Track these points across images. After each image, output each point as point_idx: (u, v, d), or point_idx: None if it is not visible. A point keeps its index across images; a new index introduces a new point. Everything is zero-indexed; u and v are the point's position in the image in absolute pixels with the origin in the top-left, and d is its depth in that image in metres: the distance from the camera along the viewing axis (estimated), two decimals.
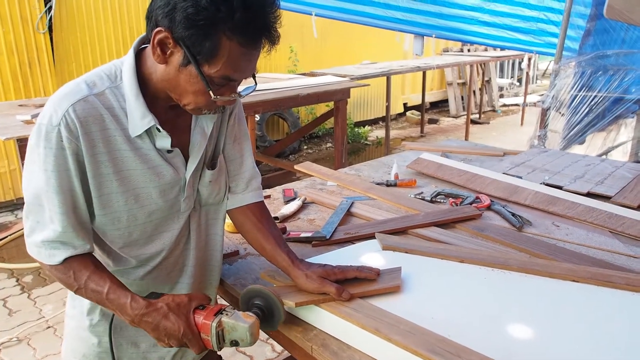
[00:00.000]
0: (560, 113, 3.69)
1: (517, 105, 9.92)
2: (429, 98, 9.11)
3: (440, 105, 9.81)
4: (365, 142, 7.38)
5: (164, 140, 1.04)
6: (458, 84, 9.31)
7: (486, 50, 8.67)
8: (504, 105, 10.21)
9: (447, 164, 2.24)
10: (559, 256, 1.39)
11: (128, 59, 1.01)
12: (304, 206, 1.83)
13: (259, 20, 0.92)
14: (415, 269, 1.24)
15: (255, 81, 1.05)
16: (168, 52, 0.94)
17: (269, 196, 1.95)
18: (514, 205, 1.85)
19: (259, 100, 3.78)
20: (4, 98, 4.30)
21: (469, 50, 9.05)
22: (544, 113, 3.72)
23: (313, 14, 4.88)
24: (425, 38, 5.30)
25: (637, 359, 0.93)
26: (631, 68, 3.55)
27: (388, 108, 6.34)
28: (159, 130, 1.02)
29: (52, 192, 0.96)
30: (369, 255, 1.35)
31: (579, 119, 3.59)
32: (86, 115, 0.96)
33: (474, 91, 8.99)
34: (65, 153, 0.95)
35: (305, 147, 7.03)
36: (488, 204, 1.81)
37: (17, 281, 3.39)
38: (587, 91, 3.56)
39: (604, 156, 3.75)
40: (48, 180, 0.96)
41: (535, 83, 12.54)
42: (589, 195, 1.94)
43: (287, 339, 1.12)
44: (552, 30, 4.31)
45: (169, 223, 1.13)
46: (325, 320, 1.08)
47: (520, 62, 10.78)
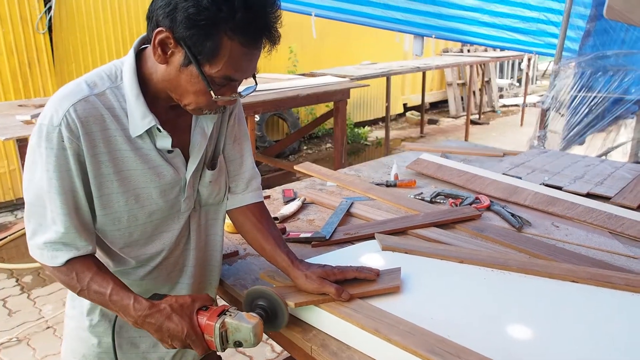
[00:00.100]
0: (560, 114, 3.69)
1: (517, 105, 9.93)
2: (429, 98, 9.11)
3: (440, 105, 9.81)
4: (365, 143, 7.38)
5: (165, 141, 1.04)
6: (458, 84, 9.32)
7: (486, 50, 8.67)
8: (504, 105, 10.21)
9: (447, 164, 2.24)
10: (558, 257, 1.39)
11: (128, 59, 1.01)
12: (303, 206, 1.83)
13: (260, 20, 0.92)
14: (415, 270, 1.24)
15: (256, 81, 1.05)
16: (169, 52, 0.94)
17: (268, 196, 1.95)
18: (513, 206, 1.85)
19: (258, 101, 3.78)
20: (4, 98, 4.29)
21: (468, 50, 9.06)
22: (544, 114, 3.72)
23: (313, 14, 4.87)
24: (425, 38, 5.30)
25: (637, 359, 0.93)
26: (631, 68, 3.55)
27: (388, 108, 6.34)
28: (160, 131, 1.02)
29: (54, 193, 0.96)
30: (369, 255, 1.35)
31: (579, 119, 3.59)
32: (87, 116, 0.96)
33: (474, 92, 8.99)
34: (66, 153, 0.95)
35: (305, 148, 7.03)
36: (488, 204, 1.81)
37: (17, 281, 3.38)
38: (587, 92, 3.56)
39: (604, 157, 3.74)
40: (50, 180, 0.95)
41: (535, 84, 12.54)
42: (589, 195, 1.95)
43: (287, 339, 1.12)
44: (552, 31, 4.31)
45: (169, 223, 1.13)
46: (324, 320, 1.08)
47: (520, 63, 10.78)
